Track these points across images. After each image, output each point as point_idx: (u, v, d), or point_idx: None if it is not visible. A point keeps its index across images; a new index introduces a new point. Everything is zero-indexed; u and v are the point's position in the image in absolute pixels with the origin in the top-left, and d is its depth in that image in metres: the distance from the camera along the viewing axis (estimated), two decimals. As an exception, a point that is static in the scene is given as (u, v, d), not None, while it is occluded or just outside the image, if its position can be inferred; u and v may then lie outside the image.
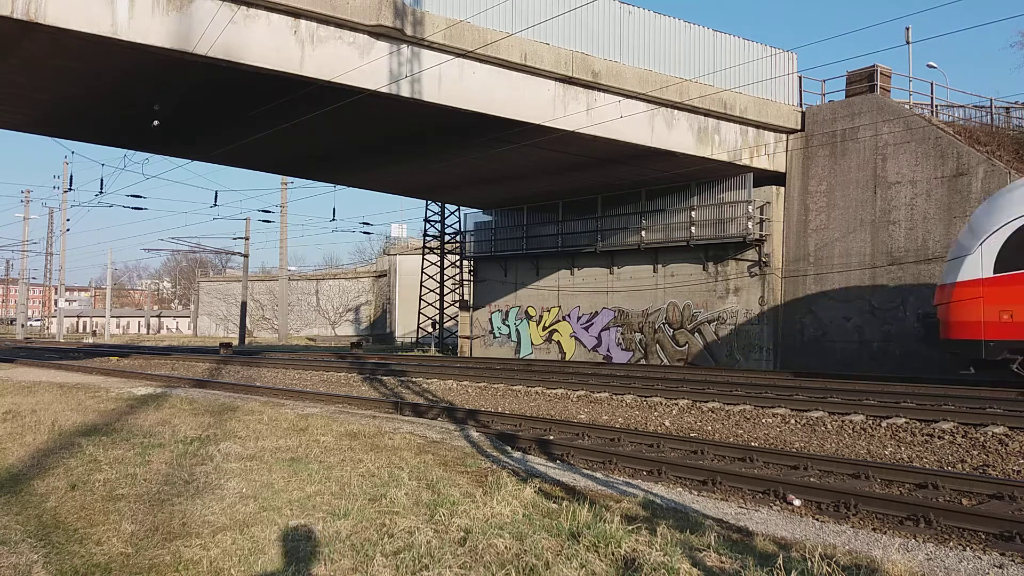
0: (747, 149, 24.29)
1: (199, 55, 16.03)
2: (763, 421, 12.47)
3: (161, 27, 15.62)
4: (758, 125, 24.35)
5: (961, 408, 12.10)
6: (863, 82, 23.71)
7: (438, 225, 42.41)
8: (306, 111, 19.58)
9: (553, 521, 5.86)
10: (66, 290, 66.09)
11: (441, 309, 43.11)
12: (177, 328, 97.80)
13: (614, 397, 15.29)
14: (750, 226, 24.88)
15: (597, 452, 10.00)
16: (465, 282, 38.66)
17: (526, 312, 32.82)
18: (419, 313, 44.75)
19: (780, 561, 4.77)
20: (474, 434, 10.99)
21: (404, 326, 53.61)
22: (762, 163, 24.71)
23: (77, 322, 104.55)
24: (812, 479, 8.54)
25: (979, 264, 15.18)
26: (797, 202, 24.79)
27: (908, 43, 27.99)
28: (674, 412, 13.72)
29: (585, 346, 30.15)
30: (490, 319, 34.61)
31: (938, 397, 13.41)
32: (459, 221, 38.62)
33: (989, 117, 24.56)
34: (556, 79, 20.49)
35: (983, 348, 14.83)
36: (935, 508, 7.00)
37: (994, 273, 15.01)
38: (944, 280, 16.02)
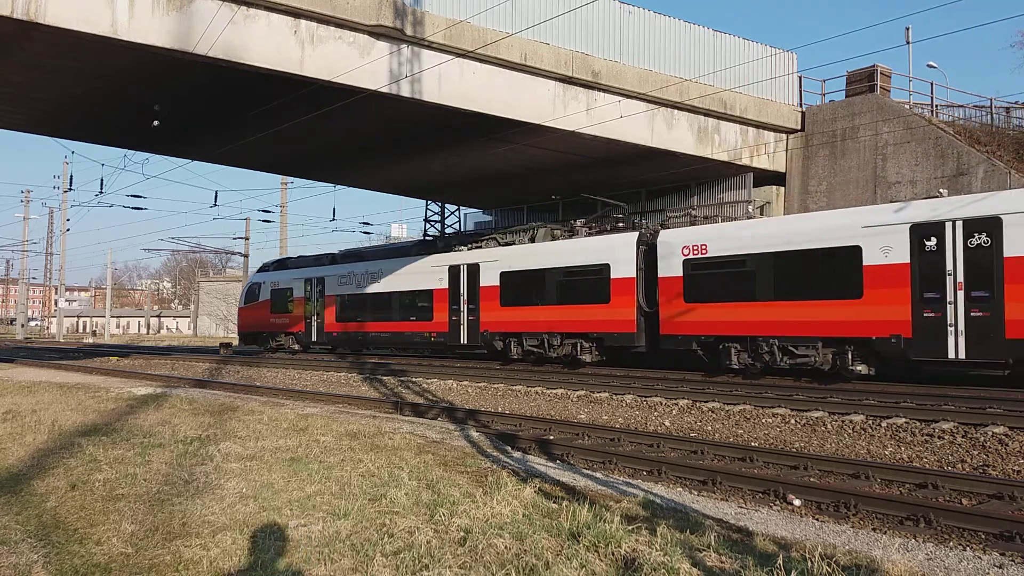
0: (747, 149, 24.29)
1: (199, 55, 16.03)
2: (763, 421, 12.47)
3: (161, 27, 15.62)
4: (758, 125, 24.35)
5: (961, 408, 12.09)
6: (863, 82, 23.71)
7: (438, 225, 42.41)
8: (306, 111, 19.59)
9: (553, 521, 5.86)
10: (66, 290, 66.16)
11: (441, 309, 43.15)
12: (177, 328, 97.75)
13: (614, 397, 15.28)
14: (750, 226, 24.83)
15: (597, 452, 10.01)
16: (465, 282, 38.68)
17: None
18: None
19: (780, 561, 4.77)
20: (474, 434, 10.99)
21: (404, 326, 53.48)
22: (762, 163, 24.71)
23: (77, 322, 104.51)
24: (812, 479, 8.54)
25: (242, 299, 35.06)
26: (797, 202, 24.78)
27: (908, 43, 27.98)
28: (674, 412, 13.72)
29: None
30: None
31: (938, 397, 13.39)
32: (459, 221, 38.61)
33: (989, 117, 24.55)
34: (556, 79, 20.49)
35: (246, 336, 35.17)
36: (935, 508, 7.00)
37: (244, 304, 34.82)
38: (239, 306, 36.51)
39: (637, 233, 20.23)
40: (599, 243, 20.84)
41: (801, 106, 25.19)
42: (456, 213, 38.56)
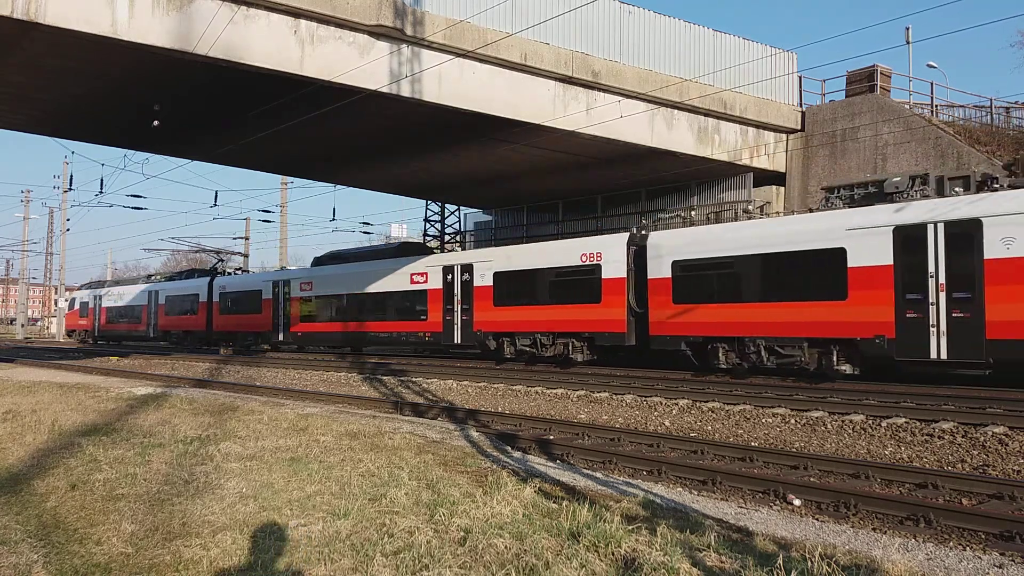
0: (747, 149, 24.28)
1: (199, 55, 16.03)
2: (763, 421, 12.47)
3: (161, 27, 15.62)
4: (758, 125, 24.34)
5: (961, 408, 12.10)
6: (863, 82, 23.71)
7: (438, 225, 42.40)
8: (306, 111, 19.59)
9: (553, 521, 5.86)
10: (66, 290, 66.34)
11: (440, 309, 43.28)
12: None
13: (614, 397, 15.28)
14: (750, 226, 24.83)
15: (597, 452, 10.01)
16: (464, 282, 38.87)
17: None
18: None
19: (780, 561, 4.77)
20: (474, 434, 10.99)
21: (403, 326, 53.69)
22: (762, 163, 24.71)
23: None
24: (812, 479, 8.54)
25: (67, 307, 52.68)
26: (797, 202, 24.77)
27: (908, 43, 28.00)
28: (674, 412, 13.72)
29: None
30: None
31: (938, 397, 13.40)
32: (459, 221, 38.61)
33: (989, 117, 24.55)
34: (556, 79, 20.48)
35: (69, 332, 52.83)
36: (935, 508, 7.00)
37: (67, 311, 52.27)
38: (65, 312, 54.58)
39: (210, 277, 37.48)
40: (194, 283, 38.33)
41: (801, 106, 25.19)
42: (456, 213, 38.56)
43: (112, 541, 5.57)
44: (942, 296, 14.61)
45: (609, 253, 20.02)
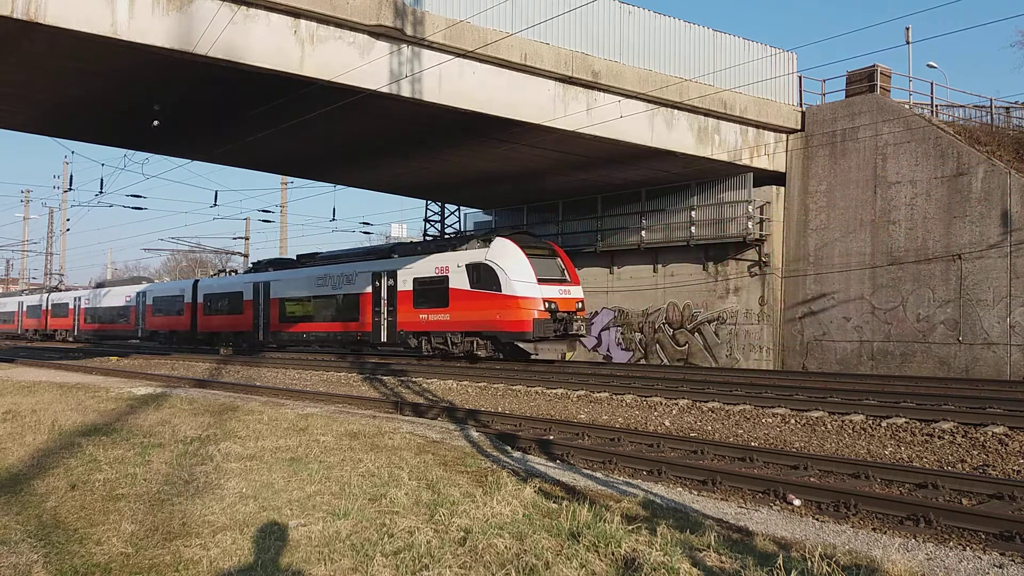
0: (747, 149, 24.28)
1: (199, 55, 16.02)
2: (763, 421, 12.47)
3: (161, 27, 15.61)
4: (758, 125, 24.34)
5: (961, 408, 12.10)
6: (863, 82, 23.69)
7: (438, 225, 42.38)
8: (306, 111, 19.57)
9: (553, 521, 5.86)
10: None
11: (440, 309, 43.26)
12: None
13: (614, 397, 15.28)
14: (750, 226, 24.83)
15: (597, 452, 10.01)
16: (464, 282, 38.86)
17: (525, 312, 33.39)
18: (418, 313, 44.94)
19: (780, 561, 4.78)
20: (474, 434, 10.99)
21: (403, 326, 53.92)
22: (762, 163, 24.70)
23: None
24: (812, 479, 8.54)
25: None
26: (797, 202, 24.78)
27: (908, 43, 28.01)
28: (674, 412, 13.72)
29: (585, 346, 30.09)
30: (489, 319, 35.28)
31: (938, 397, 13.41)
32: (459, 221, 38.59)
33: (989, 117, 24.53)
34: (556, 79, 20.47)
35: None
36: (935, 508, 7.00)
37: None
38: None
39: (47, 293, 57.13)
40: (41, 297, 57.18)
41: (801, 106, 25.17)
42: (456, 213, 38.54)
43: (112, 541, 5.57)
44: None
45: (187, 289, 40.04)
